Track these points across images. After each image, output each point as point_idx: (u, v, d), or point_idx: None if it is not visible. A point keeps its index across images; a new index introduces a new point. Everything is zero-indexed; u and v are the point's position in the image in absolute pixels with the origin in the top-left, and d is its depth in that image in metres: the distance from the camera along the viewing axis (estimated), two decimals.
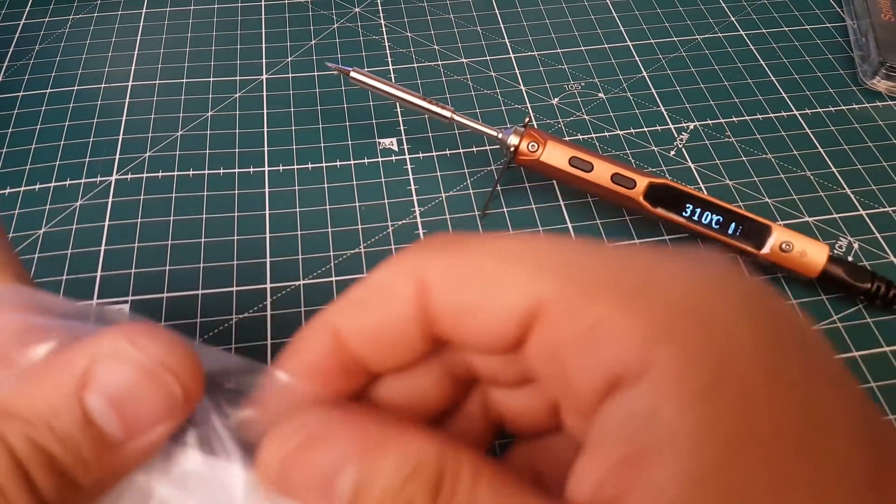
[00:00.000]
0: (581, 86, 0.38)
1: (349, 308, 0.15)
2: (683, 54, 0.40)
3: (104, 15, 0.42)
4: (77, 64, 0.39)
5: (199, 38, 0.41)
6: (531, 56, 0.40)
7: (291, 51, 0.40)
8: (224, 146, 0.35)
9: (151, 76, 0.38)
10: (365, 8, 0.43)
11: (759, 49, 0.41)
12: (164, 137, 0.35)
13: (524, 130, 0.30)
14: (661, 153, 0.35)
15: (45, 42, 0.40)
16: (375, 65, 0.39)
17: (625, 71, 0.39)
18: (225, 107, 0.37)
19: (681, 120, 0.37)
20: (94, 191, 0.33)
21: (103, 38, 0.41)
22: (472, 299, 0.14)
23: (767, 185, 0.34)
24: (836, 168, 0.34)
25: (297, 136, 0.36)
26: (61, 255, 0.30)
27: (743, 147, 0.35)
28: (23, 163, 0.34)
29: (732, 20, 0.42)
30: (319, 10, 0.42)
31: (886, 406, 0.26)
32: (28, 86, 0.38)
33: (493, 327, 0.14)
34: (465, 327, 0.14)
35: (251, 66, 0.39)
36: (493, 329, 0.14)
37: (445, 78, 0.39)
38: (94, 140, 0.35)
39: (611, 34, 0.41)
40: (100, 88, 0.38)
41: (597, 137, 0.36)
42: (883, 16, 0.39)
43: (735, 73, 0.39)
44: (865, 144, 0.36)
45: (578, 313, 0.13)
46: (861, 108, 0.37)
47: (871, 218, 0.32)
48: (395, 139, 0.36)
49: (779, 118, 0.37)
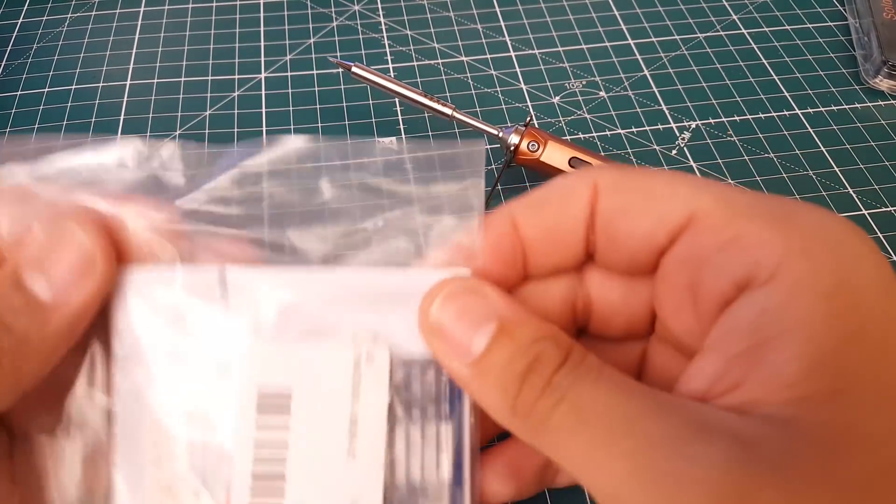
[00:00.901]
0: (582, 84, 0.38)
1: (531, 203, 0.17)
2: (685, 53, 0.40)
3: (102, 14, 0.42)
4: (75, 63, 0.39)
5: (197, 37, 0.40)
6: (532, 54, 0.40)
7: (290, 49, 0.40)
8: (223, 145, 0.35)
9: (149, 75, 0.38)
10: (364, 6, 0.42)
11: (761, 48, 0.40)
12: (162, 136, 0.35)
13: (525, 129, 0.30)
14: (662, 152, 0.35)
15: (43, 41, 0.40)
16: (375, 63, 0.39)
17: (626, 69, 0.39)
18: (223, 106, 0.37)
19: (682, 119, 0.36)
20: None
21: (101, 37, 0.40)
22: (635, 202, 0.16)
23: (769, 185, 0.34)
24: (839, 167, 0.34)
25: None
26: None
27: (745, 146, 0.35)
28: None
29: (734, 18, 0.42)
30: (318, 8, 0.42)
31: None
32: (26, 85, 0.38)
33: (646, 228, 0.16)
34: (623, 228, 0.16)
35: (250, 64, 0.39)
36: (646, 230, 0.16)
37: (445, 76, 0.39)
38: (93, 139, 0.35)
39: (612, 32, 0.41)
40: (98, 87, 0.37)
41: (598, 136, 0.36)
42: (885, 14, 0.39)
43: (737, 72, 0.39)
44: (868, 144, 0.35)
45: (727, 226, 0.15)
46: (863, 108, 0.37)
47: (873, 217, 0.32)
48: (395, 138, 0.35)
49: (781, 117, 0.37)
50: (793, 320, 0.14)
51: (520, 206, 0.17)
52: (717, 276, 0.15)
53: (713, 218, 0.15)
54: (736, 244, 0.15)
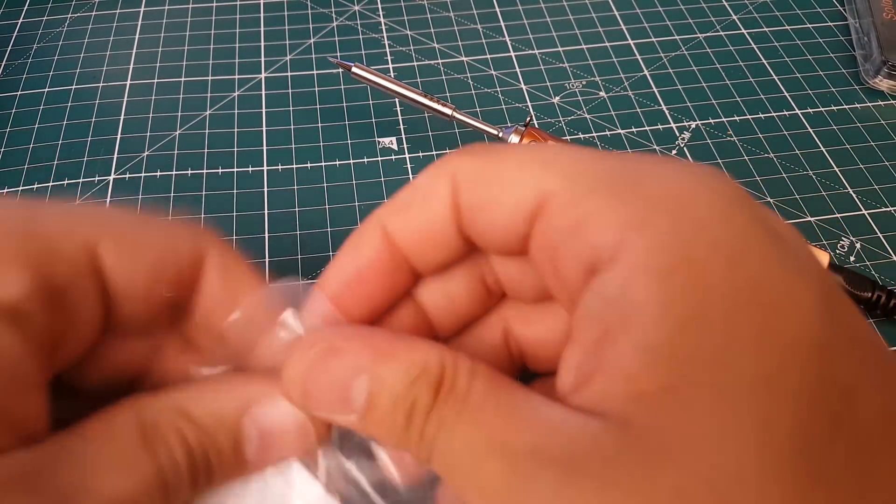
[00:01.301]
0: (582, 84, 0.38)
1: (396, 208, 0.17)
2: (685, 53, 0.40)
3: (102, 14, 0.42)
4: (75, 63, 0.39)
5: (197, 37, 0.40)
6: (532, 54, 0.40)
7: (290, 49, 0.40)
8: (223, 145, 0.35)
9: (149, 75, 0.38)
10: (364, 6, 0.42)
11: (760, 48, 0.40)
12: (162, 136, 0.35)
13: (525, 129, 0.30)
14: (662, 152, 0.35)
15: (43, 41, 0.40)
16: (375, 63, 0.39)
17: (626, 69, 0.39)
18: (223, 105, 0.37)
19: (682, 119, 0.36)
20: (93, 190, 0.33)
21: (101, 37, 0.40)
22: (490, 194, 0.16)
23: (769, 185, 0.34)
24: (839, 167, 0.34)
25: (297, 135, 0.35)
26: None
27: (745, 146, 0.35)
28: (21, 162, 0.34)
29: (734, 18, 0.42)
30: (318, 8, 0.42)
31: None
32: (26, 85, 0.38)
33: (504, 220, 0.16)
34: (483, 222, 0.16)
35: (250, 64, 0.39)
36: (504, 222, 0.16)
37: (445, 76, 0.39)
38: (92, 139, 0.35)
39: (612, 32, 0.41)
40: (98, 87, 0.37)
41: (598, 136, 0.36)
42: (885, 14, 0.39)
43: (737, 72, 0.39)
44: (868, 144, 0.35)
45: (574, 205, 0.14)
46: (863, 108, 0.37)
47: (873, 218, 0.32)
48: (395, 138, 0.35)
49: (781, 117, 0.37)
50: (630, 307, 0.13)
51: (386, 211, 0.17)
52: (570, 262, 0.15)
53: (560, 198, 0.15)
54: (581, 225, 0.14)
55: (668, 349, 0.12)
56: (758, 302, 0.13)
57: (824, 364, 0.12)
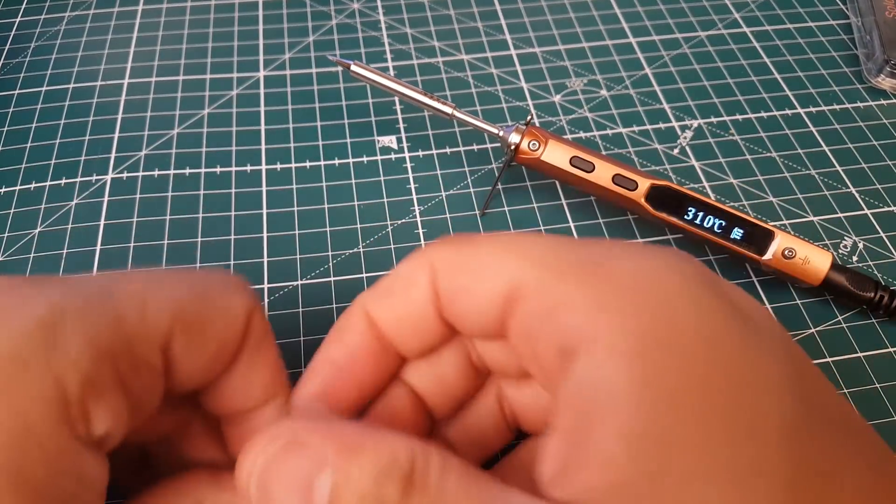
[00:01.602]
0: (583, 83, 0.38)
1: (378, 294, 0.18)
2: (687, 51, 0.40)
3: (100, 12, 0.41)
4: (73, 62, 0.39)
5: (195, 35, 0.40)
6: (532, 53, 0.40)
7: (289, 47, 0.40)
8: (221, 144, 0.34)
9: (147, 74, 0.38)
10: (364, 4, 0.42)
11: (763, 46, 0.40)
12: (160, 136, 0.35)
13: (525, 128, 0.30)
14: (664, 151, 0.35)
15: (41, 40, 0.40)
16: (374, 61, 0.39)
17: (627, 68, 0.39)
18: (222, 104, 0.36)
19: (684, 117, 0.36)
20: (90, 190, 0.32)
21: (99, 36, 0.40)
22: (465, 282, 0.16)
23: (772, 184, 0.33)
24: (841, 167, 0.34)
25: (295, 134, 0.35)
26: (56, 254, 0.30)
27: (747, 145, 0.35)
28: (18, 161, 0.33)
29: (736, 17, 0.42)
30: (317, 6, 0.42)
31: (891, 407, 0.26)
32: (23, 84, 0.37)
33: (480, 307, 0.16)
34: (460, 308, 0.17)
35: (248, 63, 0.39)
36: (480, 309, 0.16)
37: (445, 75, 0.38)
38: (90, 138, 0.35)
39: (613, 30, 0.41)
40: (95, 86, 0.37)
41: (599, 135, 0.35)
42: (887, 13, 0.39)
43: (739, 71, 0.39)
44: (870, 143, 0.35)
45: (546, 293, 0.15)
46: (866, 107, 0.37)
47: (876, 217, 0.32)
48: (395, 137, 0.35)
49: (783, 116, 0.36)
50: (605, 392, 0.13)
51: (370, 297, 0.18)
52: (545, 346, 0.15)
53: (532, 286, 0.15)
54: (553, 310, 0.14)
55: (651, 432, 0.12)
56: (729, 384, 0.13)
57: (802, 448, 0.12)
